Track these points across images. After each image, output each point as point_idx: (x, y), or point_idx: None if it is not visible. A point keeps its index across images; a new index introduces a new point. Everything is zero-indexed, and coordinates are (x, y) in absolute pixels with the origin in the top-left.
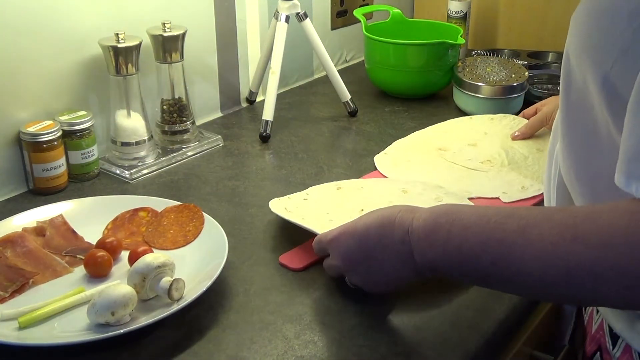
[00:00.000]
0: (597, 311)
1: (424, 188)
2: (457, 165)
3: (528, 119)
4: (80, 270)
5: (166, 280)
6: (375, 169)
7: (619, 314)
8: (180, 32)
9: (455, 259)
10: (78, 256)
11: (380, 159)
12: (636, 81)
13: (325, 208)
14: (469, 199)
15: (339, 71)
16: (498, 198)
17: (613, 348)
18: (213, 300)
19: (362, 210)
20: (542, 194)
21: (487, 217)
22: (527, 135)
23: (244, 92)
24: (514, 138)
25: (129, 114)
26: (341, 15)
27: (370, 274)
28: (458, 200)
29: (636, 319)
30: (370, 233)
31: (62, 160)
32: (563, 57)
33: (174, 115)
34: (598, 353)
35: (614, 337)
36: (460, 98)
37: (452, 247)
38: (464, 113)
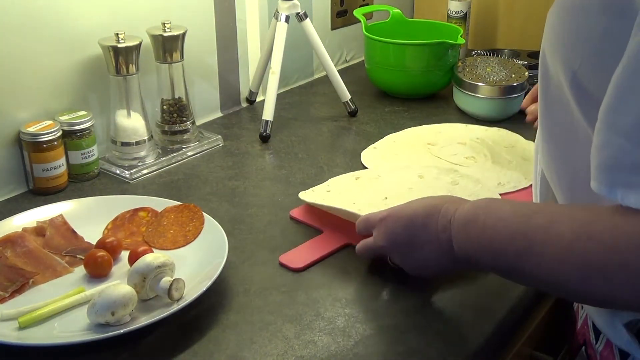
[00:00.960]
0: (582, 306)
1: (439, 172)
2: (442, 160)
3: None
4: (80, 270)
5: (166, 280)
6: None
7: (598, 309)
8: (180, 32)
9: (488, 250)
10: (78, 256)
11: (367, 153)
12: (607, 91)
13: (350, 198)
14: None
15: (339, 71)
16: None
17: (596, 342)
18: (213, 300)
19: (386, 198)
20: (517, 190)
21: (521, 211)
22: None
23: (244, 92)
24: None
25: (129, 114)
26: (341, 15)
27: (412, 257)
28: (473, 182)
29: (615, 315)
30: (417, 219)
31: (62, 160)
32: (540, 53)
33: (174, 115)
34: (584, 347)
35: (597, 332)
36: (460, 98)
37: (485, 239)
38: (464, 113)
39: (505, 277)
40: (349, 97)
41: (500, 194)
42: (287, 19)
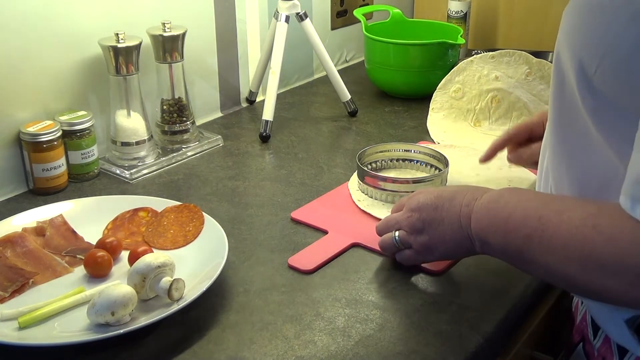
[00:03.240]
0: (582, 302)
1: None
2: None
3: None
4: (80, 270)
5: (166, 280)
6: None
7: (600, 305)
8: (180, 32)
9: (502, 228)
10: (78, 256)
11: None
12: None
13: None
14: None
15: (339, 71)
16: None
17: (594, 339)
18: (213, 300)
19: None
20: None
21: (541, 197)
22: (490, 156)
23: (244, 92)
24: (482, 161)
25: (129, 114)
26: (341, 15)
27: (431, 227)
28: None
29: (616, 311)
30: (446, 192)
31: (62, 160)
32: (554, 54)
33: (174, 115)
34: (582, 343)
35: (595, 328)
36: None
37: (502, 218)
38: None
39: (511, 260)
40: (349, 97)
41: None
42: (287, 19)
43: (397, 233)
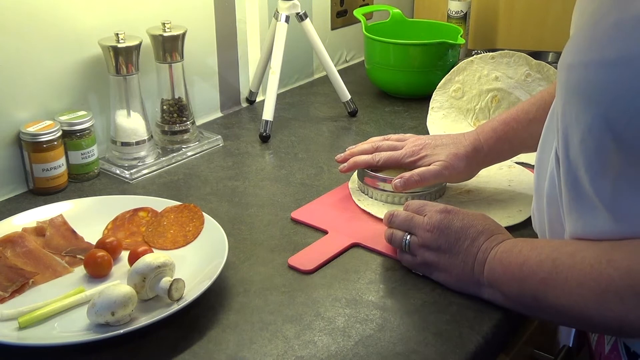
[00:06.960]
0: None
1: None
2: None
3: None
4: (80, 270)
5: (166, 280)
6: None
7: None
8: (180, 32)
9: (516, 275)
10: (78, 256)
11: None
12: None
13: None
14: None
15: (339, 71)
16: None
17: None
18: (213, 300)
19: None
20: None
21: (554, 241)
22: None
23: (244, 92)
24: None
25: (129, 114)
26: (341, 15)
27: (446, 254)
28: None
29: None
30: (472, 230)
31: (62, 160)
32: (555, 112)
33: (174, 115)
34: (587, 347)
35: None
36: None
37: (516, 265)
38: None
39: (525, 308)
40: (349, 97)
41: None
42: (287, 19)
43: (408, 237)
